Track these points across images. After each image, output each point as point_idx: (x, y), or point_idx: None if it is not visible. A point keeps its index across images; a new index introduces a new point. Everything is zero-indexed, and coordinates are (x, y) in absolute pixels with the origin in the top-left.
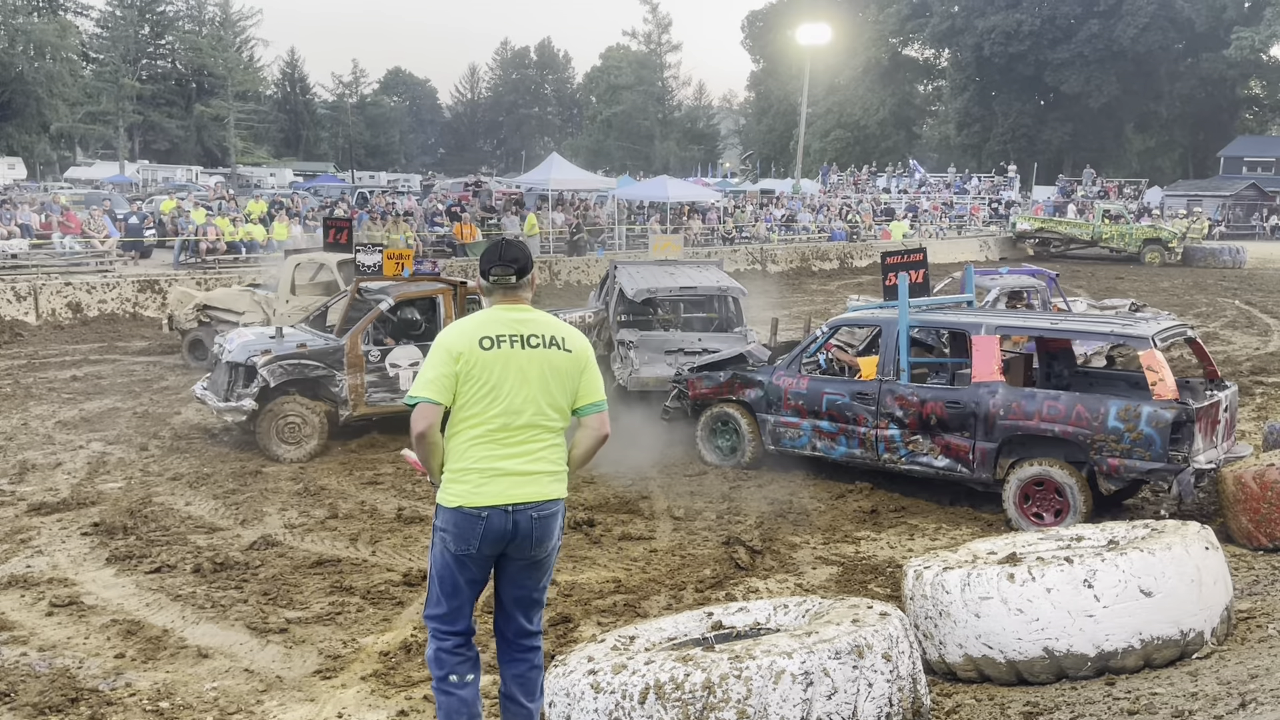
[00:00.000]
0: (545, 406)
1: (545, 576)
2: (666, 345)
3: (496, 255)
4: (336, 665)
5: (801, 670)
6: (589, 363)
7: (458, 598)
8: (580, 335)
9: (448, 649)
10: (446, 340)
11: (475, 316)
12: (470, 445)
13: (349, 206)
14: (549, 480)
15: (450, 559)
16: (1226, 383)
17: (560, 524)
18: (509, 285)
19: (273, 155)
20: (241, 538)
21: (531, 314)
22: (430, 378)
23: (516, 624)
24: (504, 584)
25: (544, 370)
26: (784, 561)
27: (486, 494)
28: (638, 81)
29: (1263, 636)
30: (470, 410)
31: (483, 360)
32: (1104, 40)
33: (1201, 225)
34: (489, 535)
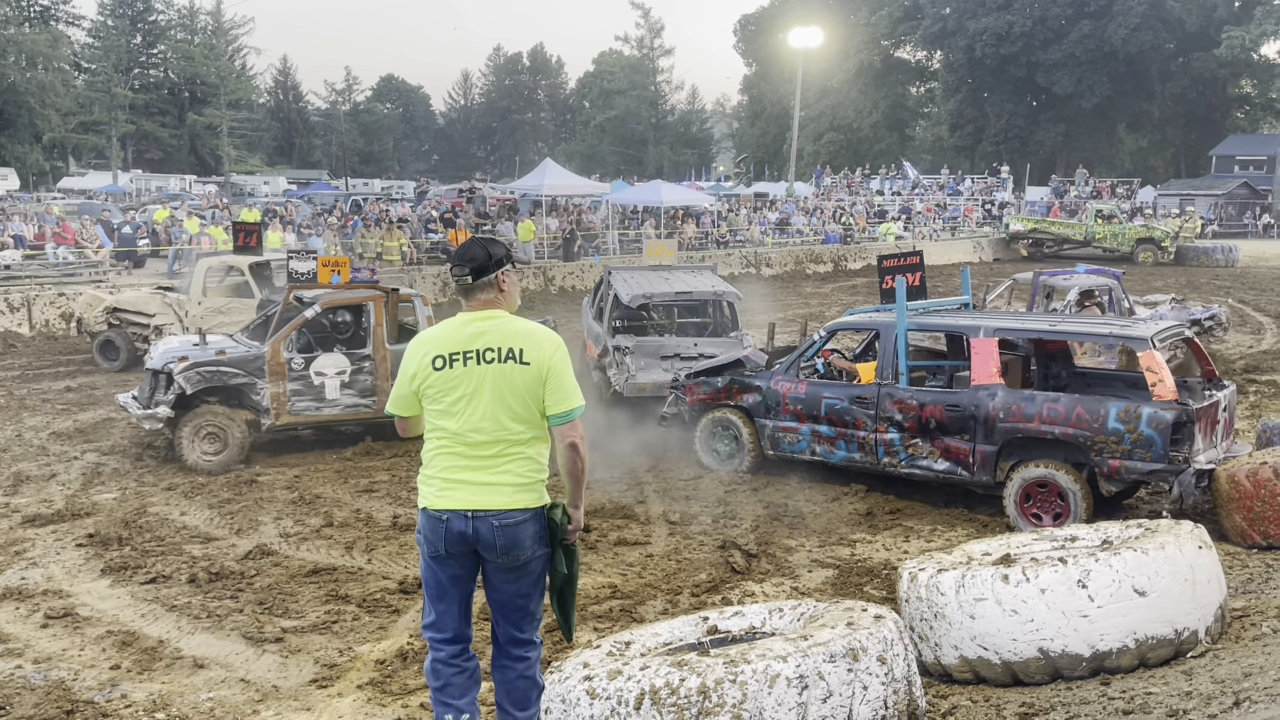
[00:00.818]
0: (506, 421)
1: (527, 583)
2: (662, 350)
3: (459, 254)
4: (333, 674)
5: (796, 674)
6: (551, 371)
7: (442, 601)
8: (546, 342)
9: (442, 659)
10: (406, 360)
11: (435, 330)
12: (436, 454)
13: (343, 214)
14: (513, 491)
15: (428, 561)
16: (1225, 382)
17: (534, 534)
18: (468, 285)
19: (266, 163)
20: (237, 547)
21: (492, 323)
22: (396, 396)
23: (505, 630)
24: (487, 588)
25: (499, 386)
26: (780, 565)
27: (447, 499)
28: (631, 86)
29: (1257, 634)
30: (433, 424)
31: (436, 381)
32: (1095, 41)
33: (1194, 224)
34: (450, 537)
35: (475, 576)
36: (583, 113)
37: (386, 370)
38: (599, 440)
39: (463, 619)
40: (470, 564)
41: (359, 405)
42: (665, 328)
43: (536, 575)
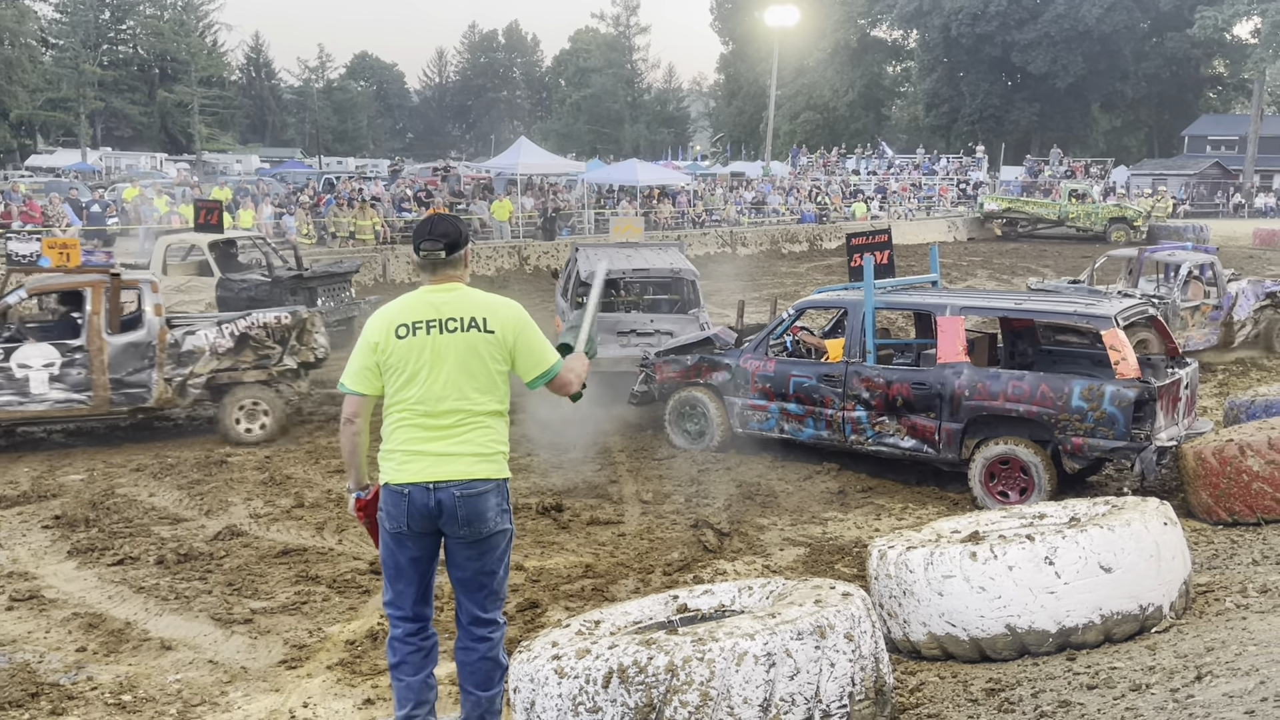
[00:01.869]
0: (469, 391)
1: (490, 560)
2: (619, 326)
3: (427, 229)
4: (302, 655)
5: (764, 651)
6: (520, 337)
7: (401, 579)
8: (508, 311)
9: (399, 637)
10: (368, 330)
11: (398, 301)
12: (396, 428)
13: (315, 193)
14: (474, 461)
15: (389, 538)
16: (1187, 360)
17: (496, 505)
18: (439, 260)
19: (239, 141)
20: (206, 528)
21: (455, 294)
22: (354, 369)
23: (467, 609)
24: (450, 565)
25: (462, 355)
26: (752, 543)
27: (408, 471)
28: (607, 64)
29: (1220, 610)
30: (395, 397)
31: (399, 349)
32: (1070, 20)
33: (1166, 204)
34: (413, 512)
35: (436, 555)
36: (558, 91)
37: (103, 363)
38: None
39: (421, 598)
40: (432, 542)
41: (71, 401)
42: (626, 304)
43: (500, 552)
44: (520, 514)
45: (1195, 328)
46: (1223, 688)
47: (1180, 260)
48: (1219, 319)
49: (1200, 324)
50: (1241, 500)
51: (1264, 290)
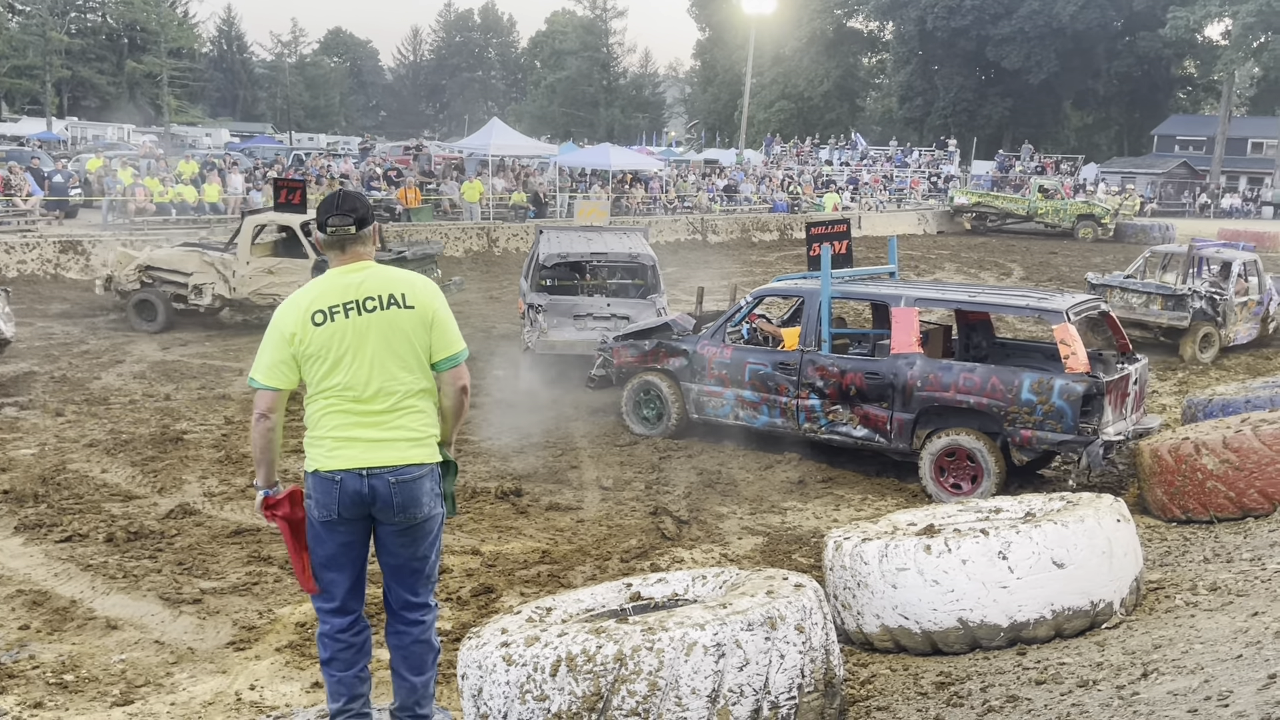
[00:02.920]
0: (395, 370)
1: (423, 545)
2: (576, 310)
3: (334, 205)
4: (251, 636)
5: (714, 642)
6: (437, 314)
7: (331, 570)
8: (426, 286)
9: (330, 633)
10: (279, 320)
11: (309, 287)
12: (324, 415)
13: (284, 168)
14: (408, 446)
15: (319, 527)
16: (1137, 355)
17: (430, 490)
18: (348, 236)
19: (208, 115)
20: (158, 506)
21: (369, 272)
22: (267, 363)
23: (399, 595)
24: (380, 552)
25: (386, 334)
26: (710, 532)
27: (340, 458)
28: (582, 47)
29: (1170, 607)
30: (319, 385)
31: (318, 337)
32: (1044, 17)
33: (1133, 202)
34: (345, 499)
35: (367, 543)
36: (534, 73)
37: None
38: (535, 405)
39: (352, 590)
40: (362, 530)
41: None
42: (584, 288)
43: (433, 537)
44: (479, 498)
45: (1241, 323)
46: (1168, 685)
47: (1230, 258)
48: (1260, 314)
49: (1245, 319)
50: (1196, 498)
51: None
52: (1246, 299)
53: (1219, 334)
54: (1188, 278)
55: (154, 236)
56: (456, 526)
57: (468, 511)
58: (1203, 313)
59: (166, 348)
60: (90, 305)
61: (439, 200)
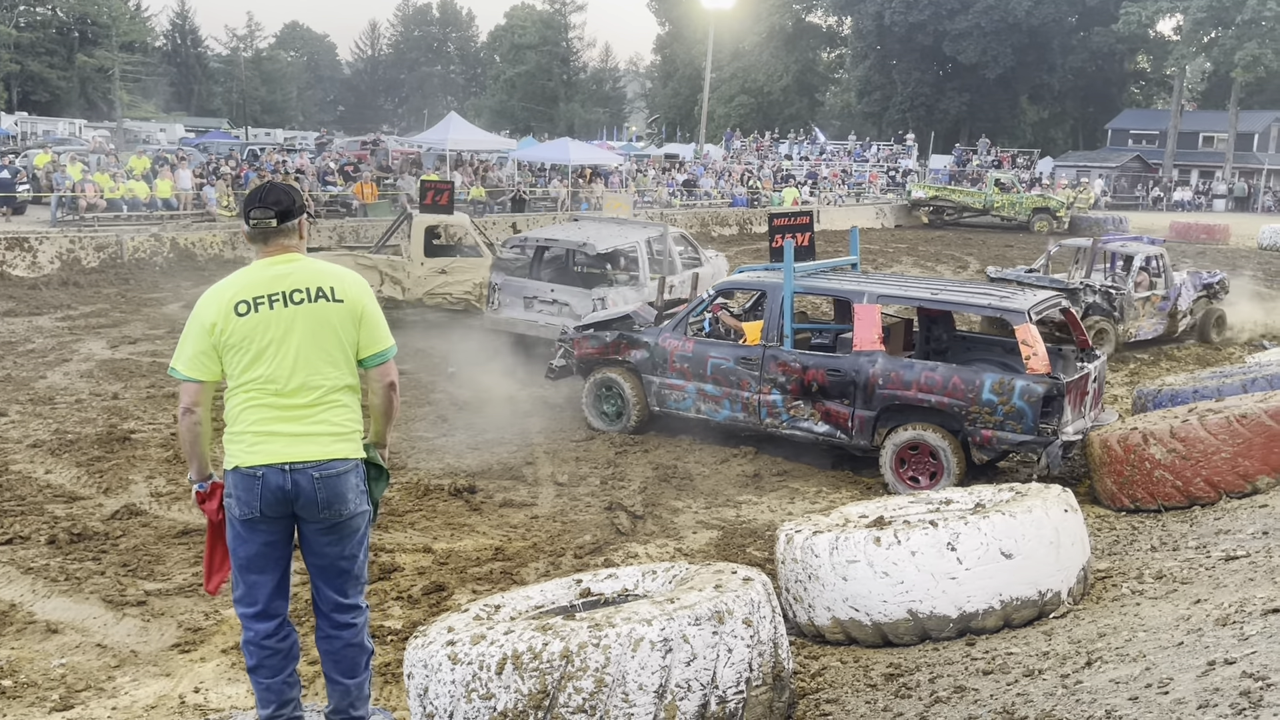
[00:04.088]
0: (320, 364)
1: (350, 544)
2: (524, 291)
3: (258, 197)
4: (196, 638)
5: (661, 637)
6: (366, 309)
7: (254, 570)
8: (354, 281)
9: (255, 640)
10: (201, 310)
11: (233, 278)
12: (244, 409)
13: (238, 163)
14: (331, 440)
15: (239, 526)
16: (1096, 352)
17: (356, 486)
18: (270, 230)
19: (162, 110)
20: (104, 507)
21: (297, 265)
22: (188, 354)
23: (327, 596)
24: (306, 552)
25: (312, 327)
26: (665, 526)
27: (261, 453)
28: (542, 41)
29: (1117, 595)
30: (241, 377)
31: (240, 328)
32: (1000, 12)
33: (1088, 195)
34: (267, 495)
35: (291, 542)
36: (493, 67)
37: None
38: (490, 399)
39: (277, 592)
40: (286, 528)
41: None
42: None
43: (360, 535)
44: (432, 495)
45: (1145, 317)
46: (1111, 674)
47: (1133, 251)
48: (1166, 309)
49: (1150, 314)
50: (1144, 487)
51: (1201, 282)
52: (1150, 294)
53: (1115, 329)
54: (1090, 272)
55: (104, 233)
56: (409, 524)
57: (420, 509)
58: (1097, 307)
59: (115, 346)
60: (38, 303)
61: (396, 195)
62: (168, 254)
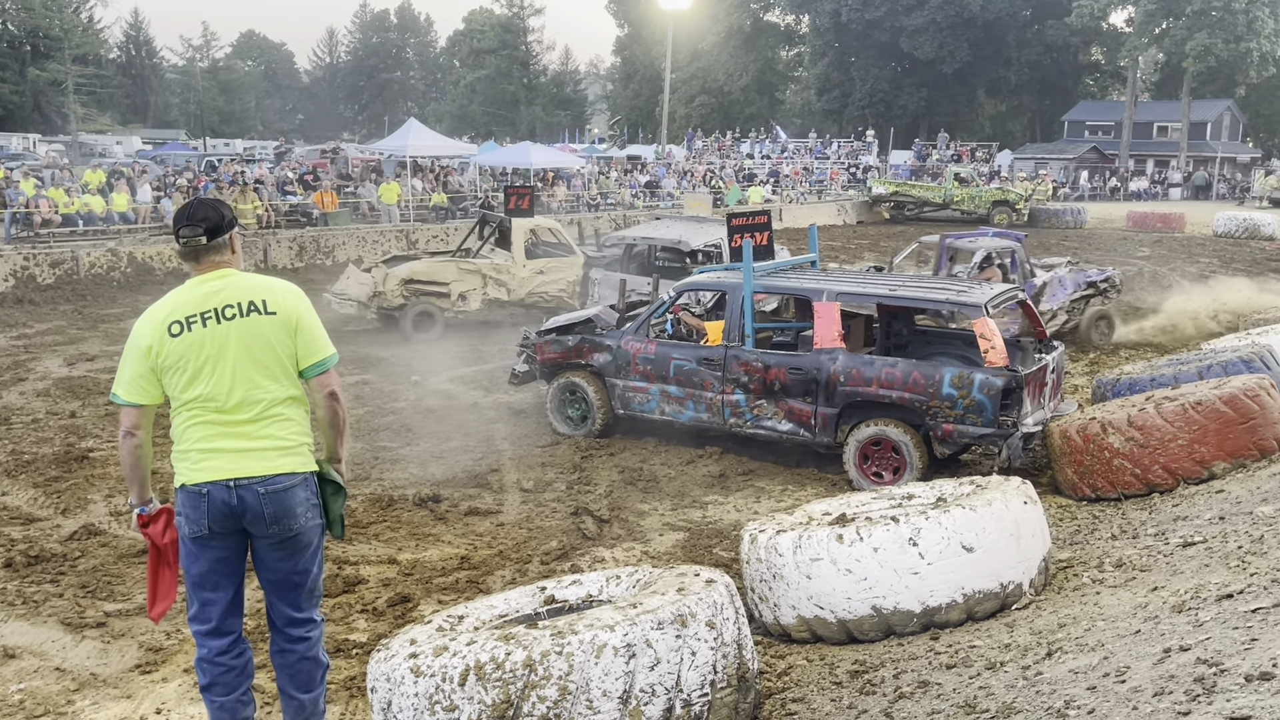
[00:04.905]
0: (259, 379)
1: (303, 558)
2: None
3: (186, 215)
4: (158, 658)
5: (624, 643)
6: (301, 319)
7: (206, 587)
8: (288, 292)
9: (208, 657)
10: (137, 334)
11: (167, 298)
12: (188, 427)
13: (195, 175)
14: (276, 454)
15: (190, 544)
16: (1055, 344)
17: (305, 500)
18: (200, 247)
19: (118, 122)
20: (61, 528)
21: (227, 280)
22: (125, 378)
23: (281, 611)
24: (259, 567)
25: (246, 341)
26: (632, 530)
27: (206, 470)
28: (501, 46)
29: (1077, 585)
30: (181, 397)
31: (175, 349)
32: (955, 7)
33: (1046, 187)
34: (214, 512)
35: (244, 559)
36: (453, 72)
37: None
38: (455, 406)
39: (230, 609)
40: (237, 544)
41: None
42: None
43: (313, 548)
44: (396, 506)
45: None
46: (1070, 664)
47: (977, 248)
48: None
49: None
50: (1104, 476)
51: (1085, 279)
52: None
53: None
54: (939, 269)
55: (59, 249)
56: (373, 536)
57: (384, 520)
58: None
59: (72, 363)
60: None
61: (357, 203)
62: (125, 269)
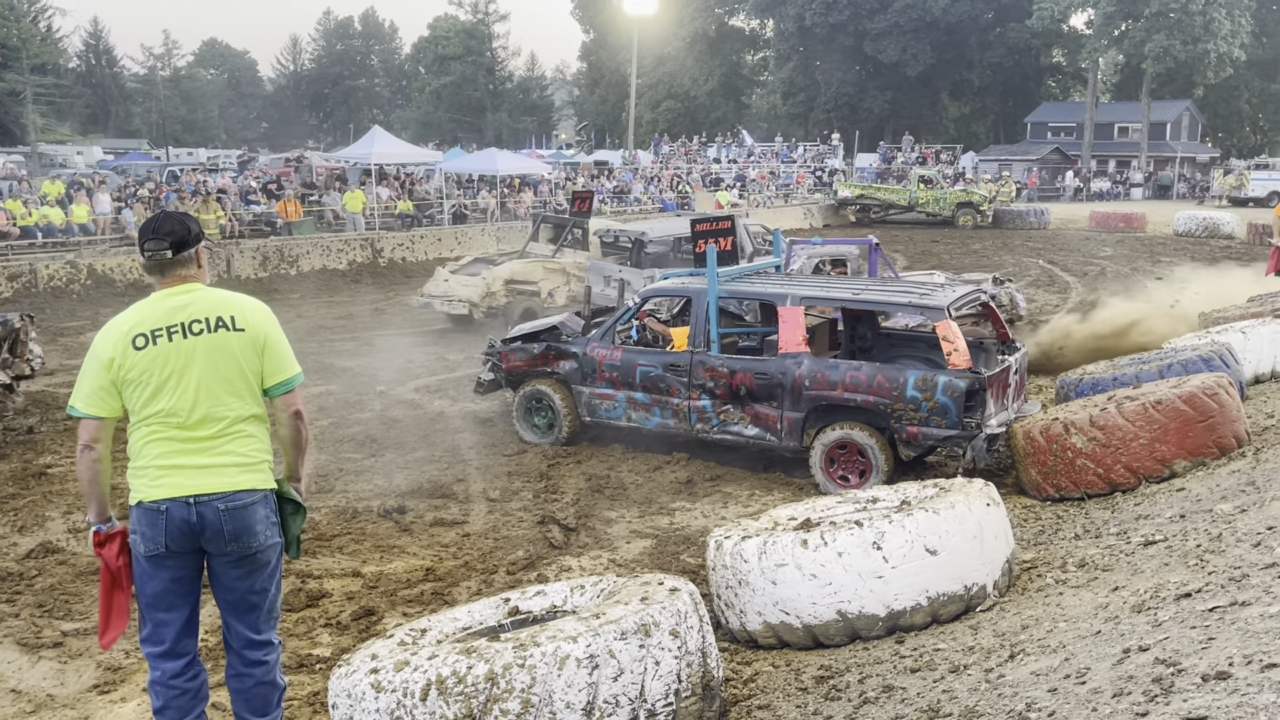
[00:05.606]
0: (223, 396)
1: (261, 578)
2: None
3: (151, 229)
4: (116, 678)
5: (587, 654)
6: (269, 337)
7: (161, 608)
8: (256, 309)
9: (162, 680)
10: (98, 345)
11: (131, 311)
12: (146, 443)
13: (157, 185)
14: (237, 471)
15: (144, 563)
16: (1017, 344)
17: (265, 518)
18: (165, 261)
19: (79, 132)
20: (18, 546)
21: (195, 295)
22: (85, 391)
23: (238, 632)
24: (215, 587)
25: (213, 357)
26: (598, 538)
27: (164, 487)
28: (466, 52)
29: (1041, 586)
30: (142, 412)
31: (139, 363)
32: (918, 10)
33: (1009, 189)
34: (173, 530)
35: (200, 579)
36: (418, 79)
37: None
38: (421, 416)
39: (185, 631)
40: (194, 563)
41: None
42: None
43: (272, 568)
44: (360, 518)
45: None
46: (1032, 666)
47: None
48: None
49: None
50: (1067, 476)
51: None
52: None
53: None
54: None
55: (16, 262)
56: (337, 549)
57: (348, 532)
58: None
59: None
60: None
61: (321, 212)
62: (85, 281)
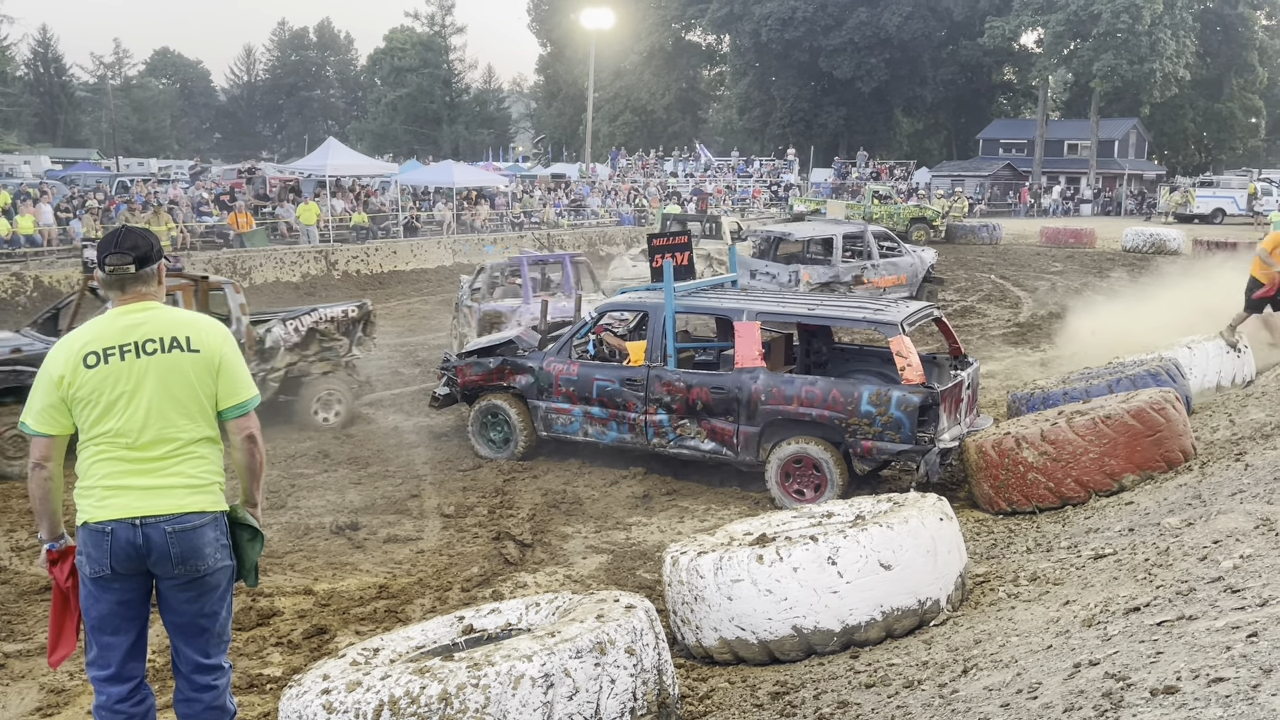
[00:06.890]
0: (175, 417)
1: (210, 601)
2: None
3: (113, 243)
4: (61, 700)
5: (541, 673)
6: (225, 359)
7: (107, 630)
8: (213, 329)
9: (107, 705)
10: (50, 362)
11: (85, 328)
12: (94, 463)
13: (106, 196)
14: (186, 492)
15: (90, 585)
16: (970, 360)
17: (214, 540)
18: (127, 276)
19: (26, 141)
20: None
21: (151, 314)
22: (36, 408)
23: (187, 656)
24: (164, 610)
25: (165, 378)
26: (554, 554)
27: (111, 508)
28: (422, 64)
29: (993, 600)
30: (91, 431)
31: (89, 381)
32: (872, 28)
33: (962, 204)
34: (118, 552)
35: (147, 602)
36: (374, 90)
37: None
38: (377, 431)
39: (131, 655)
40: (141, 585)
41: None
42: None
43: (221, 591)
44: (312, 534)
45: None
46: (984, 680)
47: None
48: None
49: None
50: (1019, 490)
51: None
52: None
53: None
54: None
55: None
56: (289, 566)
57: (300, 549)
58: None
59: None
60: None
61: (275, 224)
62: (31, 293)
